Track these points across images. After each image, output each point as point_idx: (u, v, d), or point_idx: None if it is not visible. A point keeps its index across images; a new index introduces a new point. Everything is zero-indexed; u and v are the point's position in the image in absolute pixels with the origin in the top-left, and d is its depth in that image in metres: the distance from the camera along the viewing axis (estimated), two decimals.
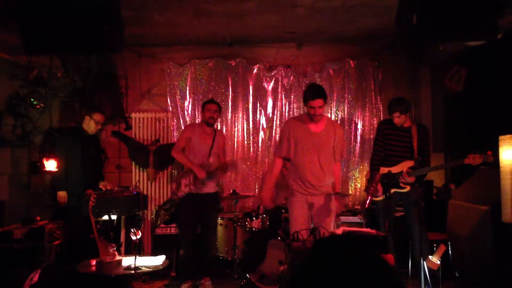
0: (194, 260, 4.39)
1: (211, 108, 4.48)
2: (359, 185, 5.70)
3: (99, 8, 3.32)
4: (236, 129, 5.77)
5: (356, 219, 5.04)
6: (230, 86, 5.77)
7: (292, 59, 5.81)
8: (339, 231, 3.18)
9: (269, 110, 5.78)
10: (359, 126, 5.73)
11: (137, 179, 5.66)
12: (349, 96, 5.72)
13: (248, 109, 5.77)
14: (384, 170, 4.08)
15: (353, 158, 5.72)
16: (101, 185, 4.47)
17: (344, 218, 4.98)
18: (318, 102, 3.55)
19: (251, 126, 5.77)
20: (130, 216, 4.68)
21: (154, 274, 4.10)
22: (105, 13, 3.35)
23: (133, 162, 5.74)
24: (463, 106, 4.99)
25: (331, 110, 5.73)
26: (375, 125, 5.47)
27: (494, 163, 3.64)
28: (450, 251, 4.21)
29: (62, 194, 4.47)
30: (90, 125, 4.60)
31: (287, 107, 5.76)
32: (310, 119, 3.67)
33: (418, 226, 3.92)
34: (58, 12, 3.32)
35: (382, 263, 1.02)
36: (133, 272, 3.40)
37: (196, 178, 4.36)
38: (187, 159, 4.44)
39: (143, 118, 5.76)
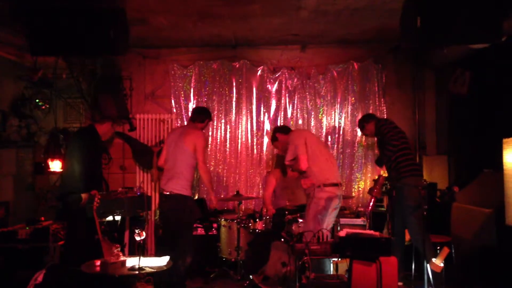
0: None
1: None
2: (362, 187, 5.70)
3: (105, 11, 3.35)
4: (240, 130, 5.79)
5: (359, 221, 5.03)
6: (234, 88, 5.79)
7: (296, 61, 5.83)
8: (342, 233, 3.18)
9: (273, 111, 5.80)
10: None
11: (140, 180, 5.68)
12: (353, 99, 5.73)
13: (252, 110, 5.79)
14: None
15: (356, 160, 5.72)
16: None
17: (347, 220, 4.97)
18: None
19: (255, 127, 5.79)
20: (134, 217, 4.69)
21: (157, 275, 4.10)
22: (111, 16, 3.38)
23: (137, 163, 5.77)
24: (467, 109, 4.99)
25: (334, 112, 5.75)
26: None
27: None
28: (453, 254, 4.21)
29: (87, 196, 4.23)
30: (109, 130, 4.49)
31: (290, 109, 5.77)
32: None
33: (422, 228, 3.93)
34: (65, 15, 3.36)
35: None
36: (137, 272, 3.41)
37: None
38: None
39: (147, 120, 5.78)
